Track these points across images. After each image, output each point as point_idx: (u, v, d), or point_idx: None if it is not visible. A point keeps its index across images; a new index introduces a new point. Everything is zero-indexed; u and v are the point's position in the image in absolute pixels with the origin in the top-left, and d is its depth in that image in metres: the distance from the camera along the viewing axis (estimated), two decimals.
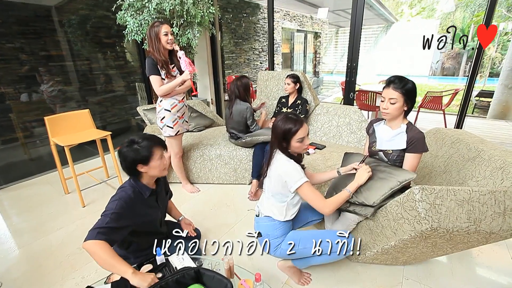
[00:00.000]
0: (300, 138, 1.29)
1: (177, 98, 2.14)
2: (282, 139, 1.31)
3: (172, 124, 2.16)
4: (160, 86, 2.02)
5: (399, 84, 1.34)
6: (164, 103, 2.12)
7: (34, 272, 1.64)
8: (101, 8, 3.39)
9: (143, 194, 1.32)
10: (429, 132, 1.91)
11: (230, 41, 5.85)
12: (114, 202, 1.22)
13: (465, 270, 1.59)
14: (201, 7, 2.92)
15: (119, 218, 1.18)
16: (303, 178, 1.27)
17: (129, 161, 1.24)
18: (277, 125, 1.32)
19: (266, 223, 1.39)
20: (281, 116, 1.34)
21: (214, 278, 1.03)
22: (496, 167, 1.29)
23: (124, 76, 3.84)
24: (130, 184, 1.31)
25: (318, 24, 9.63)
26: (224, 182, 2.66)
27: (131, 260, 1.33)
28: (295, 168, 1.29)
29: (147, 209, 1.34)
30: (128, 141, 1.25)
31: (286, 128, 1.29)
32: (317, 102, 2.85)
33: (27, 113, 2.99)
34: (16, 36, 2.78)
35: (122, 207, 1.21)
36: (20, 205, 2.40)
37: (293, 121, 1.29)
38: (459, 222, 1.09)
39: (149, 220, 1.37)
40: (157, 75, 2.00)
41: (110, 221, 1.15)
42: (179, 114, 2.18)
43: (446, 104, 4.32)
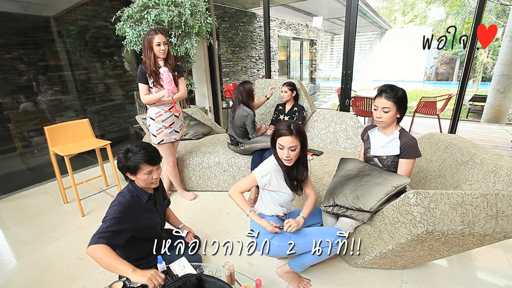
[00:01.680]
0: (280, 144, 1.32)
1: (163, 108, 2.14)
2: (273, 145, 1.38)
3: (156, 133, 2.17)
4: (145, 94, 2.06)
5: (391, 93, 1.39)
6: (150, 112, 2.15)
7: (34, 283, 1.63)
8: (99, 18, 3.45)
9: (142, 198, 1.37)
10: (423, 137, 1.95)
11: (227, 49, 5.94)
12: (113, 207, 1.27)
13: (463, 273, 1.62)
14: (199, 18, 2.99)
15: (119, 222, 1.22)
16: (255, 172, 1.39)
17: (120, 167, 1.32)
18: (273, 132, 1.40)
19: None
20: (281, 123, 1.40)
21: (216, 284, 1.05)
22: (488, 170, 1.33)
23: (122, 85, 3.88)
24: (128, 190, 1.35)
25: (314, 32, 9.80)
26: (223, 190, 2.67)
27: None
28: (265, 168, 1.39)
29: (146, 212, 1.38)
30: (125, 148, 1.32)
31: (276, 129, 1.37)
32: (314, 109, 2.90)
33: (25, 122, 3.00)
34: (15, 47, 2.82)
35: (121, 212, 1.25)
36: (18, 216, 2.39)
37: (286, 127, 1.33)
38: (454, 225, 1.12)
39: (149, 224, 1.40)
40: (144, 84, 2.04)
41: (110, 226, 1.19)
42: (165, 124, 2.17)
43: (440, 109, 4.40)
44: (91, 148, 2.36)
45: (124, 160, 1.30)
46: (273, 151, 1.40)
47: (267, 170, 1.38)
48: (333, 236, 1.33)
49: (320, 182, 1.96)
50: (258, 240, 1.39)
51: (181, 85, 2.16)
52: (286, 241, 1.36)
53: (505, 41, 4.99)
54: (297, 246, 1.34)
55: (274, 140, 1.37)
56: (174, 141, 2.30)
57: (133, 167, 1.29)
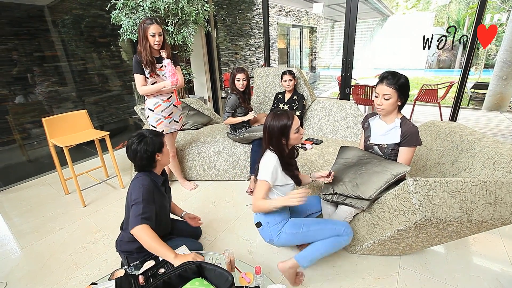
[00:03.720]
0: (296, 129, 1.35)
1: (161, 98, 2.12)
2: (281, 135, 1.35)
3: (155, 124, 2.15)
4: (142, 85, 2.02)
5: (392, 79, 1.37)
6: (148, 102, 2.13)
7: (38, 272, 1.66)
8: (94, 7, 3.37)
9: (157, 182, 1.43)
10: (424, 125, 1.94)
11: (225, 38, 5.83)
12: (139, 189, 1.32)
13: (459, 259, 1.64)
14: (196, 5, 2.92)
15: (148, 203, 1.31)
16: (266, 177, 1.34)
17: (150, 152, 1.36)
18: (271, 124, 1.35)
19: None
20: (270, 116, 1.37)
21: (216, 271, 1.06)
22: (488, 158, 1.33)
23: (120, 75, 3.83)
24: (144, 174, 1.40)
25: (314, 19, 9.60)
26: (223, 179, 2.68)
27: (134, 256, 1.36)
28: (271, 166, 1.35)
29: (161, 196, 1.45)
30: (136, 139, 1.36)
31: (282, 124, 1.33)
32: (314, 97, 2.88)
33: (24, 114, 2.98)
34: (9, 37, 2.76)
35: (148, 193, 1.33)
36: (20, 207, 2.41)
37: (285, 115, 1.34)
38: (452, 212, 1.12)
39: (162, 207, 1.46)
40: (140, 74, 2.00)
41: (144, 207, 1.28)
42: (164, 114, 2.16)
43: (441, 96, 4.36)
44: (89, 139, 2.35)
45: (151, 144, 1.36)
46: (284, 142, 1.37)
47: (271, 167, 1.35)
48: (343, 225, 1.38)
49: (320, 170, 1.96)
50: (268, 231, 1.40)
51: (178, 75, 2.14)
52: (299, 228, 1.38)
53: (509, 26, 4.87)
54: (310, 233, 1.36)
55: (285, 129, 1.34)
56: (174, 131, 2.29)
57: (160, 144, 1.40)
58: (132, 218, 1.26)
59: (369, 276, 1.53)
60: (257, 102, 3.10)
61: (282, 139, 1.35)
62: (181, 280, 1.05)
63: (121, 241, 1.41)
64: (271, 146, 1.39)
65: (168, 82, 2.01)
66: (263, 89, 3.08)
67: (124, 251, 1.40)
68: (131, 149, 1.35)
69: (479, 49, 8.82)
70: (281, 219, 1.42)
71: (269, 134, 1.37)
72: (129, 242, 1.37)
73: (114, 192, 2.57)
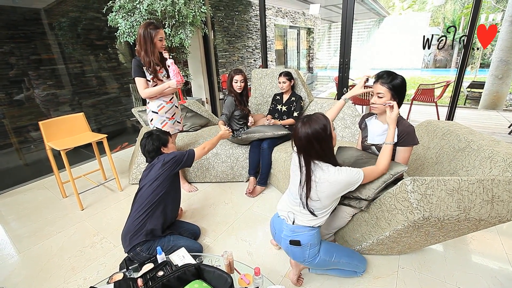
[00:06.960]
0: (333, 127, 1.26)
1: (164, 99, 2.12)
2: (323, 141, 1.18)
3: (160, 126, 2.16)
4: (144, 88, 2.01)
5: (386, 79, 1.38)
6: (151, 105, 2.13)
7: (36, 276, 1.65)
8: (91, 10, 3.36)
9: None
10: (421, 124, 1.95)
11: (223, 39, 5.84)
12: (173, 153, 1.65)
13: (458, 257, 1.65)
14: (193, 7, 2.92)
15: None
16: (359, 171, 1.25)
17: (156, 146, 1.64)
18: (310, 133, 1.16)
19: (308, 232, 1.31)
20: (302, 126, 1.18)
21: (215, 273, 1.06)
22: (485, 156, 1.33)
23: (117, 78, 3.83)
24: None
25: (311, 20, 9.64)
26: (221, 180, 2.68)
27: (148, 238, 1.50)
28: (346, 169, 1.23)
29: (178, 182, 1.77)
30: (146, 135, 1.66)
31: (322, 127, 1.17)
32: (311, 98, 2.88)
33: (20, 118, 2.97)
34: (5, 41, 2.76)
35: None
36: (17, 211, 2.40)
37: (317, 119, 1.18)
38: (450, 210, 1.13)
39: (179, 190, 1.77)
40: (141, 77, 1.99)
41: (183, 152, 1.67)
42: (168, 115, 2.17)
43: (438, 96, 4.38)
44: (87, 142, 2.34)
45: (158, 139, 1.64)
46: (329, 145, 1.23)
47: (347, 168, 1.25)
48: (364, 265, 1.50)
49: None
50: (307, 252, 1.31)
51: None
52: (331, 257, 1.36)
53: (504, 25, 4.91)
54: (338, 264, 1.40)
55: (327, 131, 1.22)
56: (178, 132, 2.30)
57: (165, 139, 1.69)
58: (185, 154, 1.65)
59: (369, 276, 1.53)
60: (254, 103, 3.11)
61: (323, 144, 1.18)
62: (180, 282, 1.05)
63: (130, 236, 1.48)
64: (315, 156, 1.21)
65: (173, 82, 2.01)
66: (261, 90, 3.09)
67: (135, 245, 1.47)
68: (141, 143, 1.63)
69: (479, 49, 8.89)
70: (318, 242, 1.34)
71: (309, 143, 1.17)
72: (136, 231, 1.47)
73: (112, 195, 2.56)
